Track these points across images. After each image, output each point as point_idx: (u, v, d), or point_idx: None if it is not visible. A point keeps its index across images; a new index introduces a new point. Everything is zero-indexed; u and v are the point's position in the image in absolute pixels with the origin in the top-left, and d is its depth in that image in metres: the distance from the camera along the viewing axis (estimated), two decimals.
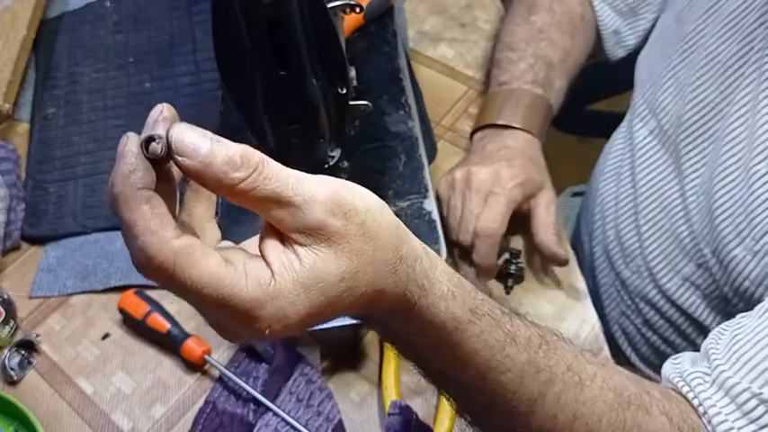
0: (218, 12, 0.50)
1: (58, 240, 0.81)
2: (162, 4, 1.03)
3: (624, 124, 0.81)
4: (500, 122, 0.76)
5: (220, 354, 0.72)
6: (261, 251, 0.36)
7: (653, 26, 0.80)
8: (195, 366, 0.71)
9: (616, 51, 0.85)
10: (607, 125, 0.85)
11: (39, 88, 0.96)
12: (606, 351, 0.69)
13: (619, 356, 0.79)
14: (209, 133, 0.33)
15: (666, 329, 0.74)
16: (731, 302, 0.65)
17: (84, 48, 1.00)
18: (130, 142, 0.33)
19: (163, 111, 0.34)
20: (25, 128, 0.93)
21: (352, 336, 0.72)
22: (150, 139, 0.33)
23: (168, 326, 0.71)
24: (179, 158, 0.33)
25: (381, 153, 0.75)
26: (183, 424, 0.68)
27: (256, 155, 0.34)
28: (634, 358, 0.81)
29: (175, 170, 0.36)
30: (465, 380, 0.43)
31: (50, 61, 0.99)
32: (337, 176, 0.73)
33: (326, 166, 0.63)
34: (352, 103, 0.60)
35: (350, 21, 0.87)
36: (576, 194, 1.06)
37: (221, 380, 0.69)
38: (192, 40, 0.98)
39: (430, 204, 0.70)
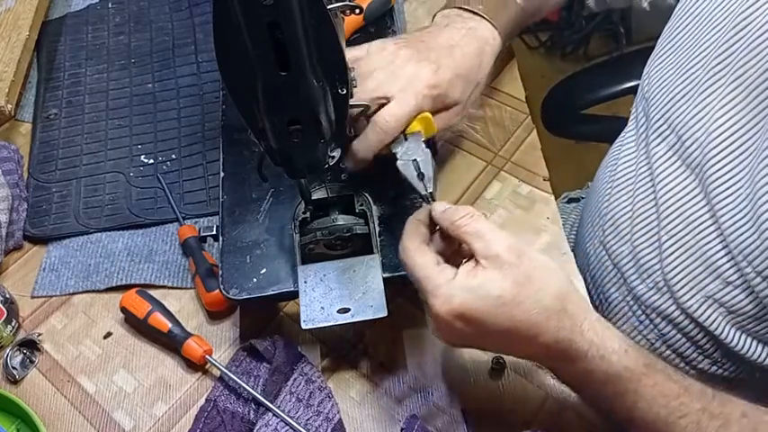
0: (218, 13, 0.50)
1: (60, 240, 0.82)
2: (163, 5, 1.04)
3: (630, 135, 0.78)
4: (465, 6, 0.71)
5: (221, 353, 0.72)
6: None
7: None
8: (196, 365, 0.71)
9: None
10: (603, 129, 0.83)
11: (41, 89, 0.97)
12: None
13: None
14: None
15: (683, 344, 0.73)
16: (762, 319, 0.64)
17: (86, 49, 1.00)
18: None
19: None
20: (27, 128, 0.93)
21: (352, 335, 0.72)
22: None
23: (170, 325, 0.71)
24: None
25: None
26: (185, 422, 0.68)
27: (469, 209, 0.55)
28: None
29: None
30: (647, 421, 0.54)
31: (53, 62, 0.99)
32: (337, 176, 0.73)
33: (327, 166, 0.63)
34: (352, 103, 0.61)
35: (350, 22, 0.87)
36: (571, 200, 1.05)
37: (222, 379, 0.70)
38: (193, 42, 0.98)
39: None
